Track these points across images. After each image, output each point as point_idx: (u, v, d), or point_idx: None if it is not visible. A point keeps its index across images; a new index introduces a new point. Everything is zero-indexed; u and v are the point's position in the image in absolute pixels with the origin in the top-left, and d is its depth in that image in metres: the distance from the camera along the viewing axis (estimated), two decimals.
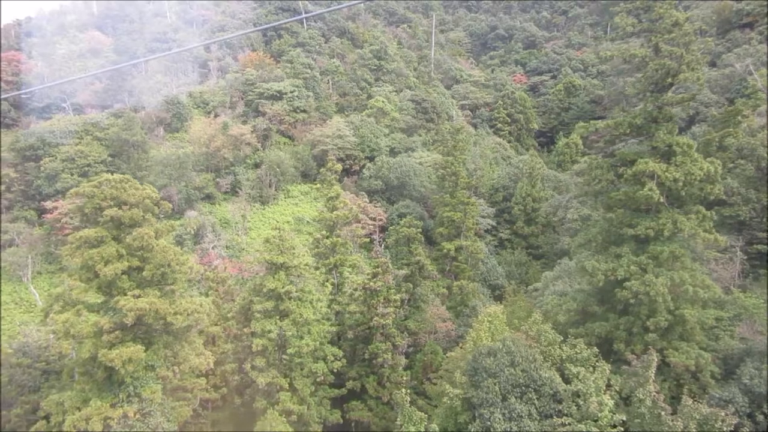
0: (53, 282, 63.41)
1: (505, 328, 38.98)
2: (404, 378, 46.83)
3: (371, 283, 46.00)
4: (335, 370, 44.77)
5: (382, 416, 46.94)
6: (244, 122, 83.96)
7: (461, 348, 49.73)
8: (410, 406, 33.57)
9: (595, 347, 33.94)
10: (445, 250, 62.75)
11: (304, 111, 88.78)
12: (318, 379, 43.86)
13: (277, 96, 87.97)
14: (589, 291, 39.60)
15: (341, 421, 46.06)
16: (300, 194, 79.10)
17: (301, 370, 43.72)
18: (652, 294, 34.47)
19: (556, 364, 35.14)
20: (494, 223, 77.50)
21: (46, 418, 31.66)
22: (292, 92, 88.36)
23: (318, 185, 51.56)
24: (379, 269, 46.35)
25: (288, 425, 37.18)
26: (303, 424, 42.79)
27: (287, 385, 42.81)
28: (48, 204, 65.50)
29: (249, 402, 46.92)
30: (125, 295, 30.03)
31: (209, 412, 45.81)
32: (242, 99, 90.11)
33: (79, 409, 29.38)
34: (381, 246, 50.86)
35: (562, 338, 35.69)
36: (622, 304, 36.71)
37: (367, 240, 63.68)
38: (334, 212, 49.42)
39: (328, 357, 44.20)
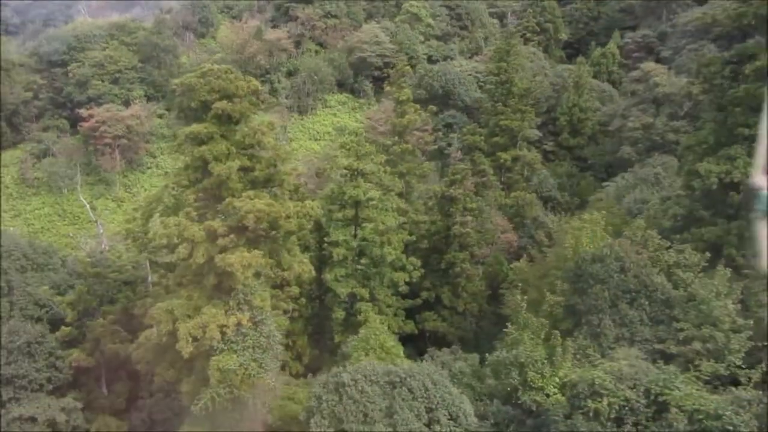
0: (94, 193, 60.90)
1: (605, 234, 37.39)
2: (481, 288, 45.93)
3: (450, 191, 43.97)
4: (412, 280, 43.57)
5: (458, 326, 46.26)
6: (274, 27, 79.07)
7: (527, 259, 48.53)
8: (525, 313, 32.56)
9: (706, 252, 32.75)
10: (501, 160, 60.35)
11: (336, 16, 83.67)
12: (399, 289, 42.74)
13: None
14: (695, 196, 37.84)
15: (416, 331, 45.39)
16: (338, 104, 75.69)
17: (381, 280, 42.49)
18: None
19: (663, 270, 33.98)
20: (540, 134, 74.75)
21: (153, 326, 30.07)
22: None
23: (391, 85, 48.34)
24: (458, 176, 44.19)
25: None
26: None
27: (367, 295, 41.69)
28: (82, 112, 61.74)
29: (321, 314, 46.01)
30: (234, 197, 27.84)
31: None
32: (270, 2, 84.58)
33: (190, 317, 27.87)
34: (459, 152, 48.69)
35: (669, 244, 34.41)
36: (734, 208, 35.12)
37: (435, 148, 61.27)
38: (405, 117, 46.67)
39: (407, 266, 42.92)
